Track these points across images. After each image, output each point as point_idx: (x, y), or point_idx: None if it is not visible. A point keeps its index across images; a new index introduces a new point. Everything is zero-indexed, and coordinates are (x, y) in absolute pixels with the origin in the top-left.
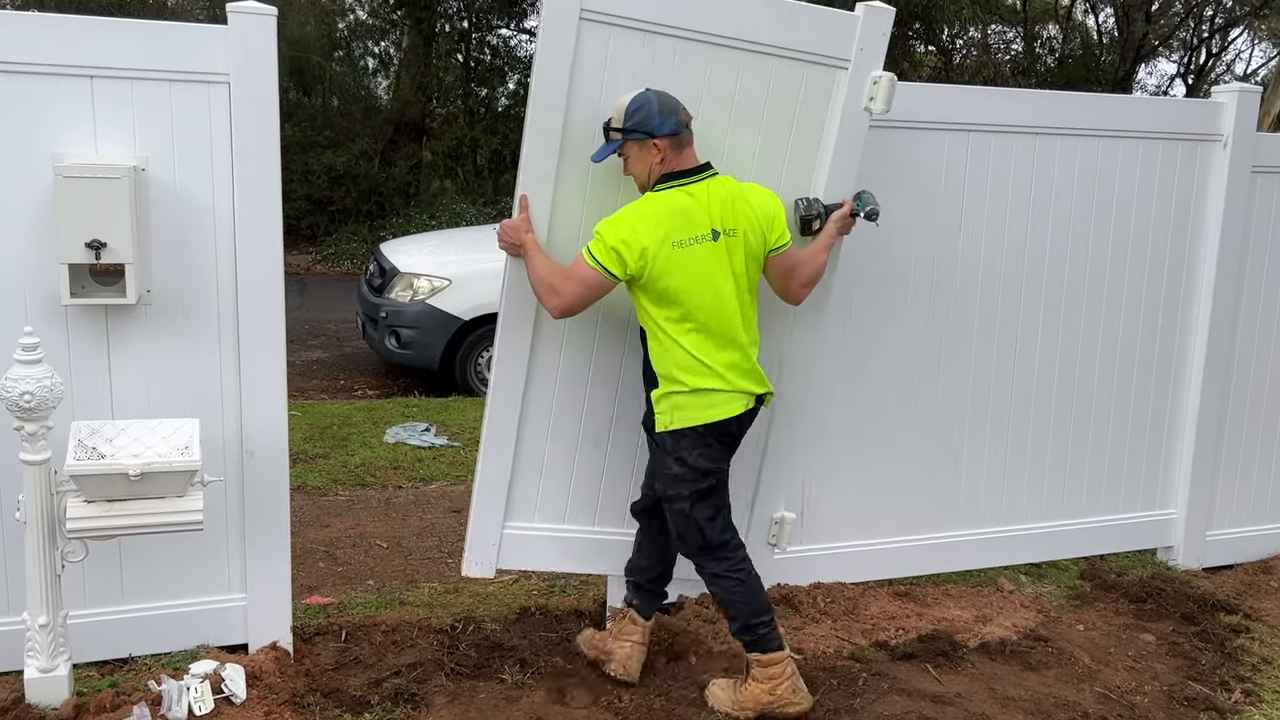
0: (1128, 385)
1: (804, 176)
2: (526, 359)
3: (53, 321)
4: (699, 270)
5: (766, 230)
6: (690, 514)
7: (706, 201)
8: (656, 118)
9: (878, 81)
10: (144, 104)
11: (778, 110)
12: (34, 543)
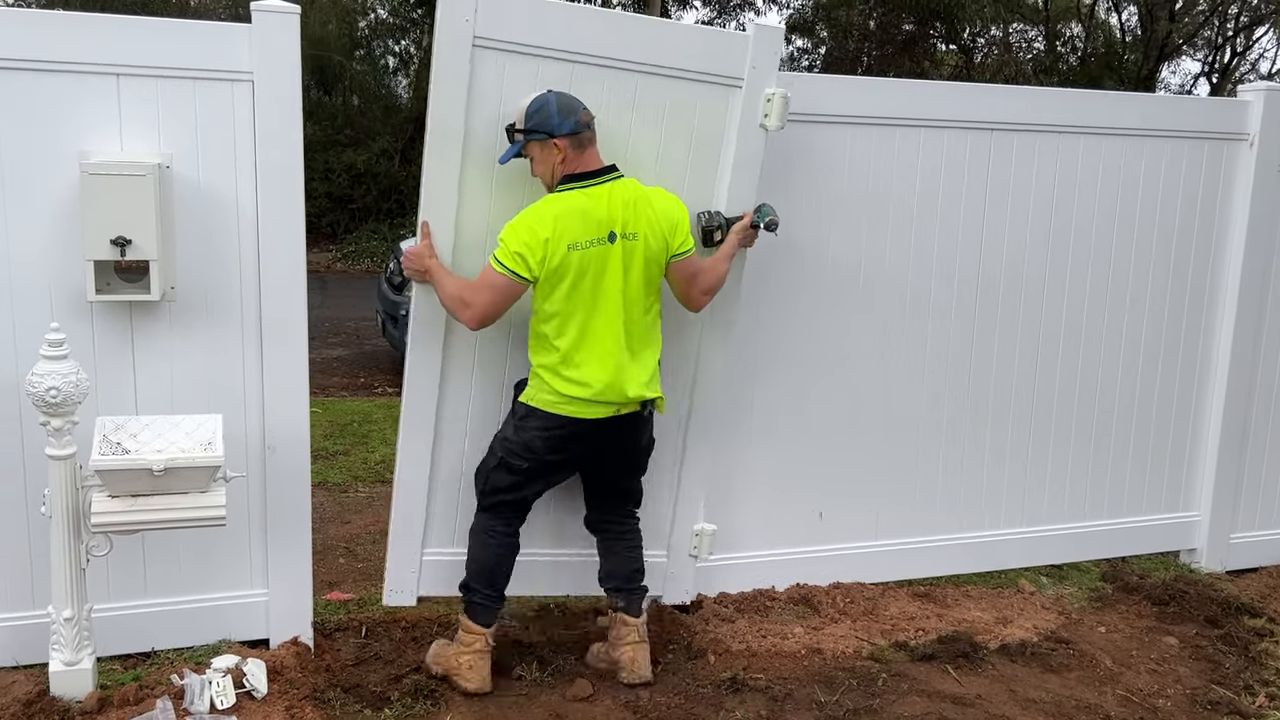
0: (1151, 386)
1: (706, 193)
2: (438, 383)
3: (78, 317)
4: (592, 272)
5: (669, 235)
6: (492, 471)
7: (607, 204)
8: (556, 117)
9: (771, 99)
10: (169, 102)
11: (675, 129)
12: (59, 537)
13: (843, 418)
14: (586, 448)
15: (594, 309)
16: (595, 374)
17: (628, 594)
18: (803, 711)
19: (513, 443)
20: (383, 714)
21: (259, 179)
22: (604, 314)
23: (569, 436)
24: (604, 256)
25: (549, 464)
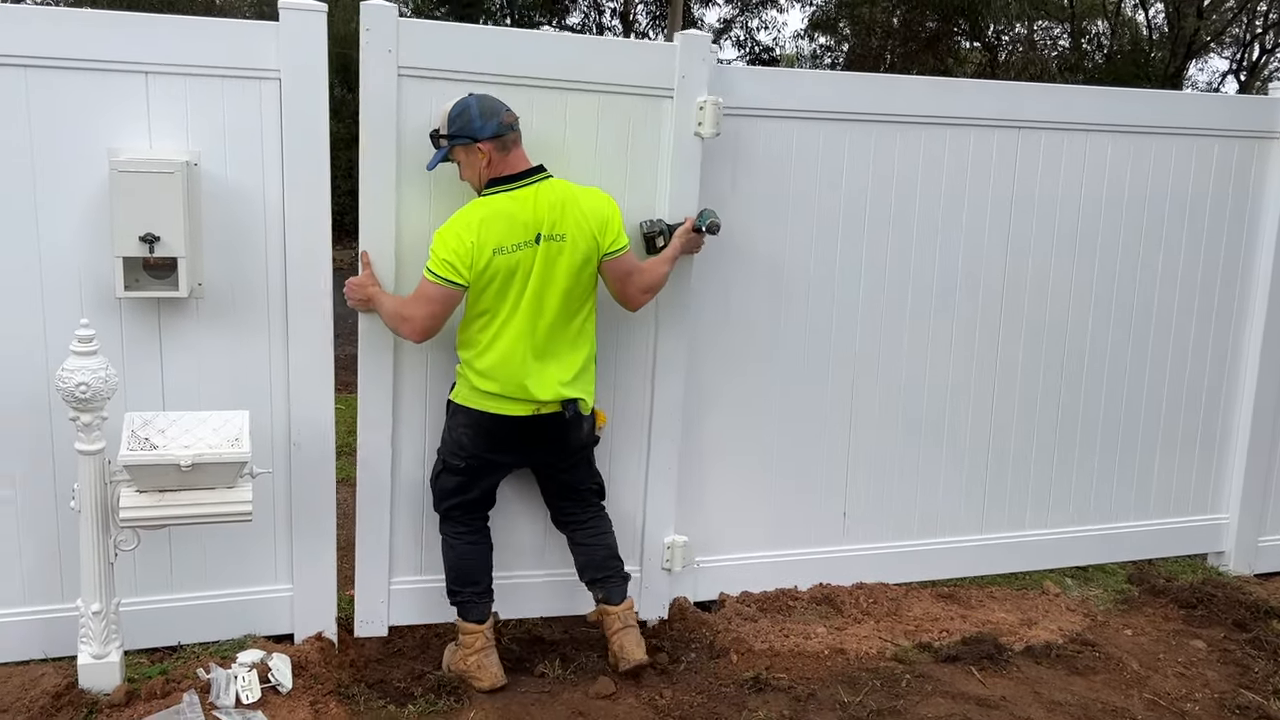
0: (1179, 388)
1: (646, 204)
2: (390, 411)
3: (107, 314)
4: (514, 274)
5: (599, 234)
6: (437, 476)
7: (533, 206)
8: (477, 120)
9: (704, 107)
10: (197, 100)
11: (610, 142)
12: (88, 531)
13: (866, 418)
14: (513, 445)
15: (515, 310)
16: (504, 373)
17: (603, 583)
18: (826, 712)
19: (448, 443)
20: (406, 710)
21: (285, 176)
22: (524, 315)
23: (492, 432)
24: (530, 259)
25: (485, 461)
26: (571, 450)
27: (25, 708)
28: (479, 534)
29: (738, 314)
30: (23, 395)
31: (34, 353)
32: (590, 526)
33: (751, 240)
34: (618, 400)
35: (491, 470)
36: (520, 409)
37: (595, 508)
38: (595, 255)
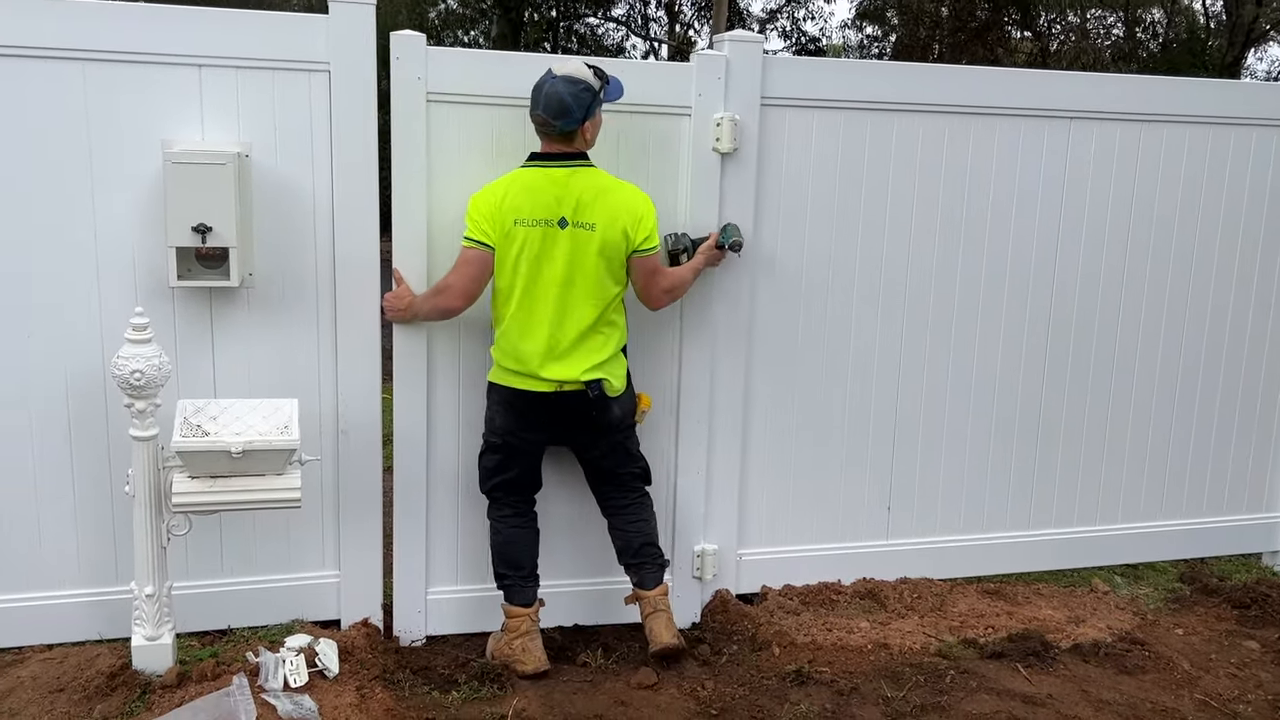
0: (1234, 384)
1: (667, 219)
2: (425, 435)
3: (160, 302)
4: (536, 253)
5: (630, 229)
6: (481, 456)
7: (564, 188)
8: (530, 99)
9: (720, 123)
10: (248, 92)
11: (631, 159)
12: (142, 516)
13: (911, 414)
14: (540, 422)
15: (534, 289)
16: (526, 350)
17: (637, 568)
18: (869, 706)
19: (486, 422)
20: (450, 696)
21: (335, 168)
22: (543, 297)
23: (519, 409)
24: (552, 239)
25: (521, 440)
26: (602, 432)
27: (81, 687)
28: (524, 517)
29: (774, 312)
30: (80, 382)
31: (90, 341)
32: (629, 513)
33: (780, 241)
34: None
35: (525, 449)
36: (542, 385)
37: (636, 493)
38: (625, 249)
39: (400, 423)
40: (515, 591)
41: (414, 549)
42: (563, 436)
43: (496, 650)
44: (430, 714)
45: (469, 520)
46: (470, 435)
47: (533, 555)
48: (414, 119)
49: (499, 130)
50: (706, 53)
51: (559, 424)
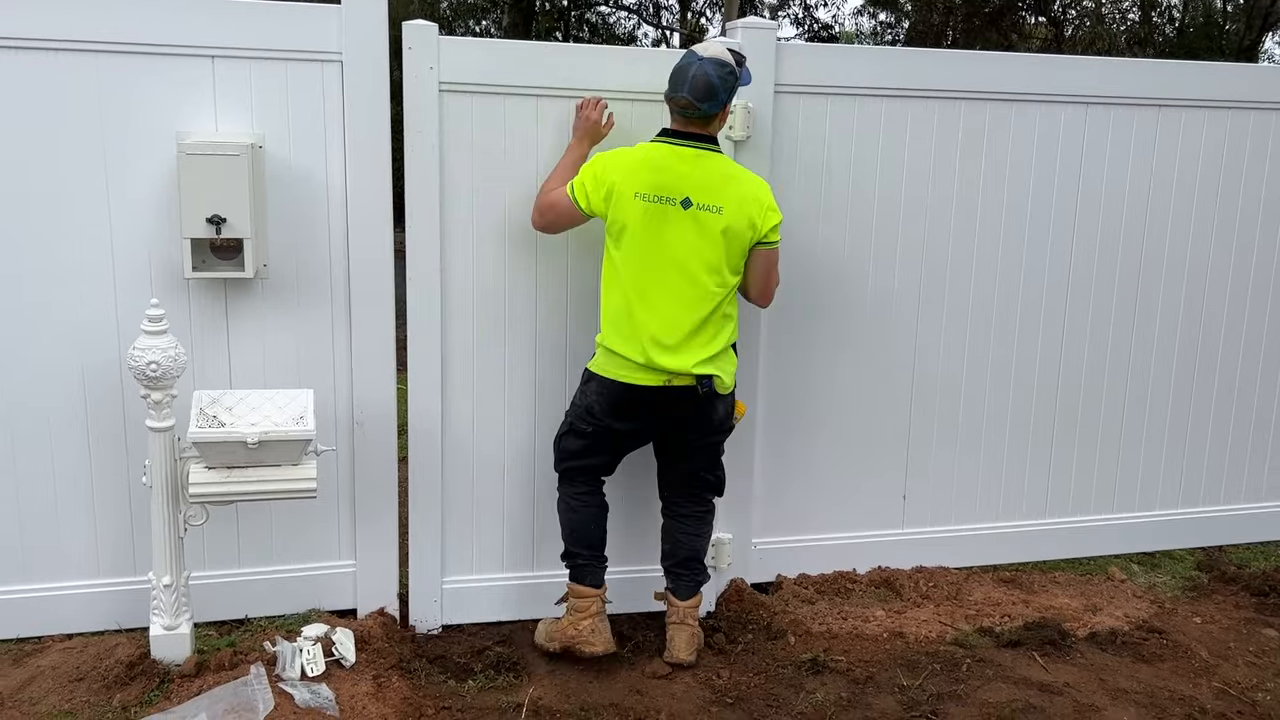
0: (1253, 370)
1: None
2: (440, 413)
3: (176, 294)
4: (654, 231)
5: (758, 219)
6: (562, 436)
7: (691, 168)
8: (669, 84)
9: (734, 111)
10: (261, 83)
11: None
12: (159, 506)
13: (927, 403)
14: (642, 415)
15: (648, 271)
16: (637, 336)
17: (676, 576)
18: (884, 695)
19: (578, 407)
20: (466, 685)
21: (348, 158)
22: (657, 280)
23: (622, 400)
24: (674, 219)
25: (614, 431)
26: (701, 431)
27: (101, 676)
28: (598, 495)
29: (785, 300)
30: (96, 374)
31: (106, 333)
32: (690, 523)
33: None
34: None
35: (617, 439)
36: (653, 378)
37: (704, 505)
38: (749, 239)
39: (415, 412)
40: (587, 571)
41: (429, 538)
42: (657, 432)
43: (555, 634)
44: (447, 703)
45: (484, 509)
46: (484, 424)
47: (604, 534)
48: (426, 109)
49: (512, 120)
50: (717, 40)
51: (659, 419)
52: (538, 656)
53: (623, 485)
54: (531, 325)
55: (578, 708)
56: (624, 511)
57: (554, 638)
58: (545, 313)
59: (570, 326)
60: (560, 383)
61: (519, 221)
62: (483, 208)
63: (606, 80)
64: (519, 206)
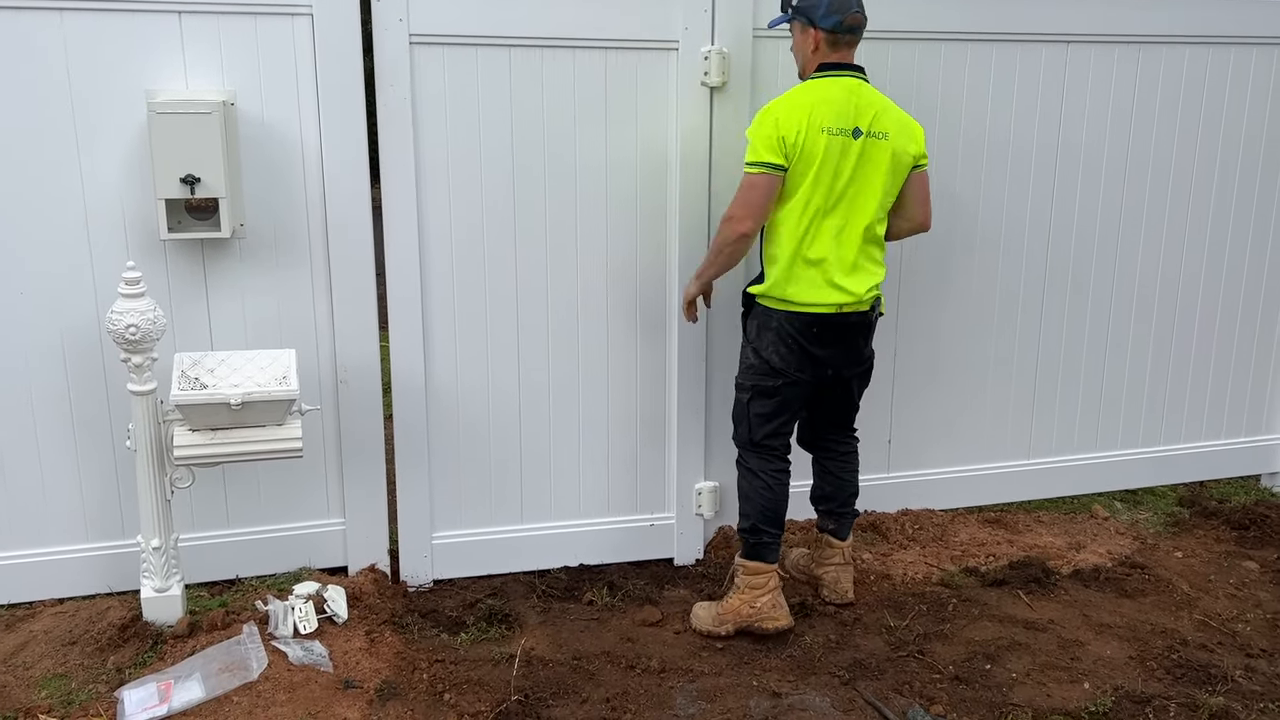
0: (1232, 308)
1: (659, 160)
2: (423, 363)
3: (152, 256)
4: (835, 163)
5: (912, 143)
6: (746, 406)
7: (859, 97)
8: (822, 8)
9: (709, 56)
10: (230, 38)
11: (620, 99)
12: (144, 470)
13: (910, 347)
14: (822, 351)
15: (826, 202)
16: (826, 266)
17: (839, 516)
18: (872, 636)
19: (755, 366)
20: (459, 638)
21: (321, 114)
22: (833, 210)
23: (804, 338)
24: (851, 150)
25: (799, 376)
26: (866, 357)
27: (94, 639)
28: (789, 466)
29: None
30: (75, 338)
31: (84, 297)
32: (849, 460)
33: None
34: (641, 345)
35: (802, 388)
36: (835, 297)
37: (852, 438)
38: (909, 163)
39: (398, 368)
40: (770, 549)
41: (417, 494)
42: (832, 367)
43: (728, 614)
44: (440, 655)
45: (470, 463)
46: (468, 378)
47: (787, 507)
48: (397, 62)
49: (484, 71)
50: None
51: (837, 351)
52: (529, 608)
53: (607, 435)
54: (512, 269)
55: (570, 656)
56: (603, 462)
57: (725, 620)
58: (524, 256)
59: (549, 265)
60: (541, 326)
61: (493, 173)
62: (457, 160)
63: (590, 29)
64: (493, 157)
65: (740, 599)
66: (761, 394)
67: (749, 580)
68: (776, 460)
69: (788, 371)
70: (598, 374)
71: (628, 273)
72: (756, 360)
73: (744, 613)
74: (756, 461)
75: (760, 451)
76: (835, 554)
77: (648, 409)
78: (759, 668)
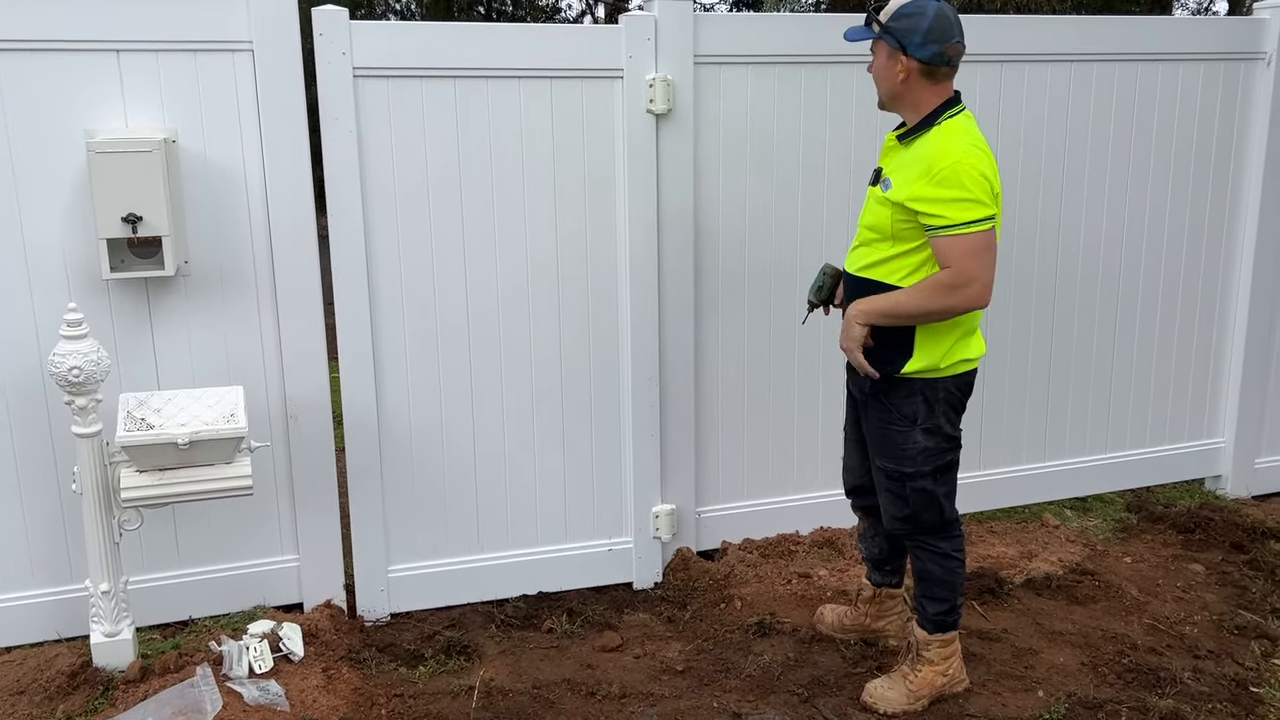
0: (1172, 314)
1: (607, 187)
2: (374, 396)
3: (95, 296)
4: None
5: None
6: (933, 492)
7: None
8: (919, 36)
9: (653, 84)
10: (171, 76)
11: (566, 127)
12: (91, 513)
13: None
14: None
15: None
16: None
17: (901, 569)
18: (830, 652)
19: (933, 446)
20: (418, 671)
21: (265, 149)
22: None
23: (970, 387)
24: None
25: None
26: None
27: (42, 688)
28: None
29: (715, 263)
30: (17, 381)
31: (25, 339)
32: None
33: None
34: (593, 371)
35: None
36: (983, 346)
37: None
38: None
39: (349, 399)
40: (960, 615)
41: (372, 527)
42: None
43: (923, 685)
44: (398, 690)
45: (425, 494)
46: (420, 409)
47: None
48: (342, 95)
49: (430, 102)
50: (635, 13)
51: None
52: (488, 639)
53: (562, 460)
54: (463, 297)
55: (530, 686)
56: (560, 489)
57: (921, 695)
58: (475, 284)
59: (500, 293)
60: (494, 353)
61: (440, 202)
62: (404, 191)
63: (536, 59)
64: (440, 187)
65: (934, 670)
66: (944, 470)
67: (943, 651)
68: (961, 531)
69: (959, 433)
70: (552, 400)
71: (580, 299)
72: (932, 442)
73: (938, 683)
74: (949, 543)
75: (950, 529)
76: (897, 602)
77: (603, 434)
78: (719, 689)
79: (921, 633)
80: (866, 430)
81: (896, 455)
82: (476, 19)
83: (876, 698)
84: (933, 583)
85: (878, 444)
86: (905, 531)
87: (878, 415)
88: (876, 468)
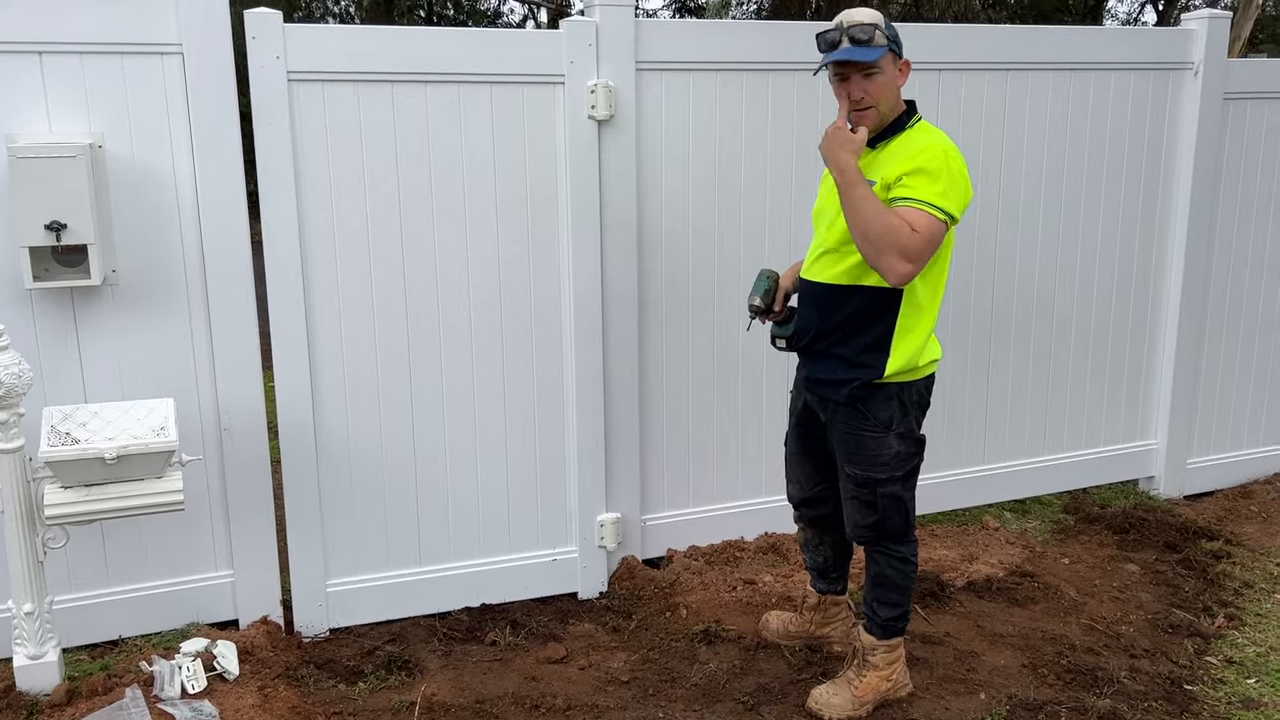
0: (1106, 318)
1: (549, 191)
2: (310, 407)
3: (18, 306)
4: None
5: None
6: (902, 497)
7: None
8: (898, 35)
9: (595, 90)
10: (96, 79)
11: (507, 132)
12: (13, 531)
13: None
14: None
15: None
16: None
17: (845, 576)
18: (776, 659)
19: (904, 450)
20: (357, 688)
21: (195, 154)
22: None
23: (931, 386)
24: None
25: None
26: None
27: None
28: None
29: (656, 266)
30: None
31: None
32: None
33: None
34: (537, 377)
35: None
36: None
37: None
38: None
39: (284, 410)
40: (909, 620)
41: (309, 540)
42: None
43: (868, 691)
44: (337, 708)
45: (364, 506)
46: (358, 419)
47: None
48: (275, 100)
49: (366, 107)
50: (576, 19)
51: None
52: (429, 652)
53: (505, 476)
54: (402, 305)
55: (473, 700)
56: (504, 501)
57: (866, 701)
58: (414, 289)
59: (440, 299)
60: (434, 362)
61: (379, 206)
62: (341, 196)
63: (475, 63)
64: (378, 191)
65: (878, 675)
66: (912, 474)
67: (888, 657)
68: (915, 536)
69: (924, 436)
70: (494, 408)
71: (522, 305)
72: (904, 446)
73: (883, 689)
74: (908, 548)
75: (910, 534)
76: (841, 609)
77: (547, 441)
78: (664, 699)
79: (868, 638)
80: (834, 440)
81: (869, 462)
82: (418, 23)
83: (822, 704)
84: (889, 588)
85: (848, 451)
86: (870, 539)
87: (850, 423)
88: (845, 475)
